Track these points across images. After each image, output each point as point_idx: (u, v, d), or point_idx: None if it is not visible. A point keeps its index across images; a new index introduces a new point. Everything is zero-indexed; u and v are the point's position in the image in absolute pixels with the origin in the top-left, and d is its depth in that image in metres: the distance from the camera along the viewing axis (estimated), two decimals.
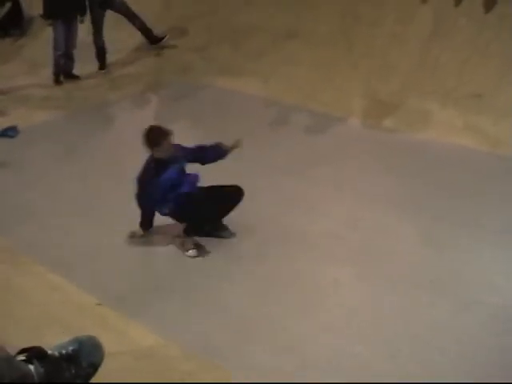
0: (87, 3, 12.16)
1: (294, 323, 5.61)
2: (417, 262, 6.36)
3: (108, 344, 5.08)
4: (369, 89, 9.96)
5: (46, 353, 2.85)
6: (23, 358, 2.75)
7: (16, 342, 3.22)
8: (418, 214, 7.19)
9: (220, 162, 7.19)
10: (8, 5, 14.92)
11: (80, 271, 6.42)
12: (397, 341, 5.33)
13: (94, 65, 12.62)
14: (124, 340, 5.34)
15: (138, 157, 8.43)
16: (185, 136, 8.17)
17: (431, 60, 9.81)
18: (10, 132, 9.87)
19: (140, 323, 5.56)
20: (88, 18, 12.26)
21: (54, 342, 2.95)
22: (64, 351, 2.91)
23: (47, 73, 12.18)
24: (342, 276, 6.20)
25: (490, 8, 9.57)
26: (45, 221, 7.43)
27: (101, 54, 12.64)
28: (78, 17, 12.05)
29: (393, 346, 5.28)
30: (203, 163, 7.04)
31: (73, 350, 2.90)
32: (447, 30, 9.82)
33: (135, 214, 7.35)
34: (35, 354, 2.80)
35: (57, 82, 12.23)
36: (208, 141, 7.30)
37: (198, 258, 6.61)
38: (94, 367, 3.04)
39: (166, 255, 6.82)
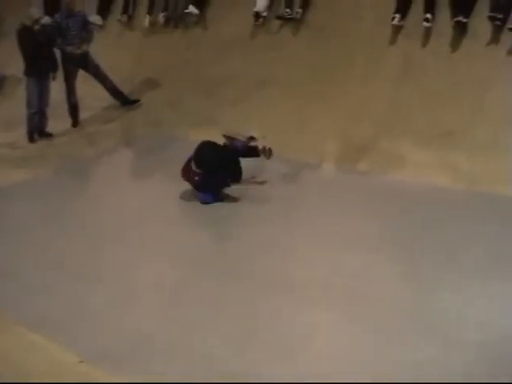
0: (60, 61, 12.21)
1: (277, 369, 5.52)
2: (399, 303, 6.28)
3: None
4: (341, 133, 10.00)
5: None
6: None
7: None
8: (398, 255, 7.15)
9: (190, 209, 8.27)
10: None
11: (61, 330, 6.31)
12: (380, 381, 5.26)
13: (66, 122, 12.61)
14: None
15: (117, 212, 8.45)
16: (161, 187, 8.19)
17: (402, 100, 9.89)
18: None
19: (124, 379, 5.47)
20: (60, 75, 12.30)
21: None
22: None
23: (22, 131, 12.16)
24: (323, 320, 6.12)
25: (457, 46, 9.69)
26: (25, 279, 7.33)
27: (73, 111, 12.64)
28: (51, 74, 12.08)
29: None
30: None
31: None
32: (416, 70, 9.92)
33: (118, 268, 7.34)
34: None
35: (31, 139, 12.17)
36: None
37: (178, 309, 6.53)
38: None
39: (146, 307, 6.74)
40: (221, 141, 8.83)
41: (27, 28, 11.79)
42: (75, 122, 12.70)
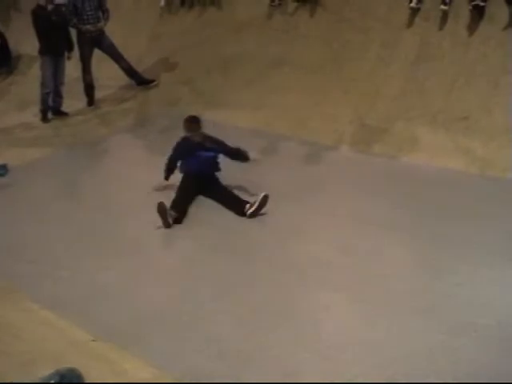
0: (76, 40, 12.24)
1: (288, 351, 5.55)
2: (410, 286, 6.28)
3: (102, 378, 5.07)
4: (357, 114, 10.00)
5: None
6: None
7: (9, 378, 3.20)
8: (411, 238, 7.16)
9: None
10: None
11: (74, 307, 6.35)
12: (392, 365, 5.27)
13: (82, 101, 12.67)
14: (119, 373, 5.30)
15: (130, 191, 8.48)
16: None
17: (418, 83, 9.86)
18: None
19: (136, 355, 5.51)
20: (76, 54, 12.33)
21: None
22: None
23: (36, 110, 12.22)
24: (334, 302, 6.13)
25: (474, 30, 9.64)
26: (38, 257, 7.37)
27: (89, 90, 12.70)
28: (66, 53, 12.12)
29: (388, 369, 5.22)
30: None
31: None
32: (432, 53, 9.89)
33: (128, 249, 7.38)
34: None
35: (44, 119, 12.25)
36: None
37: (192, 289, 6.58)
38: None
39: (159, 287, 6.78)
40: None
41: (41, 8, 11.81)
42: (90, 101, 12.76)
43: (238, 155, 8.49)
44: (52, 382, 2.87)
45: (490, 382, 4.97)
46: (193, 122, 8.43)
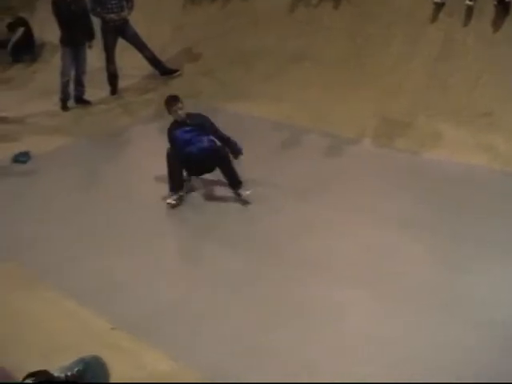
0: (100, 29, 12.27)
1: (304, 347, 5.57)
2: (428, 283, 6.29)
3: (123, 368, 5.10)
4: (379, 108, 9.96)
5: (53, 376, 2.86)
6: (30, 382, 2.74)
7: (29, 367, 3.22)
8: (431, 234, 7.13)
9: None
10: (20, 31, 15.11)
11: (94, 297, 6.41)
12: (409, 362, 5.28)
13: (105, 90, 12.71)
14: (139, 364, 5.34)
15: (150, 181, 8.51)
16: None
17: (441, 79, 9.81)
18: (21, 158, 9.93)
19: (155, 347, 5.54)
20: (99, 43, 12.36)
21: None
22: (69, 373, 2.91)
23: (58, 98, 12.27)
24: (353, 298, 6.14)
25: (499, 26, 9.58)
26: (58, 247, 7.44)
27: (112, 79, 12.74)
28: (87, 43, 12.16)
29: (405, 367, 5.23)
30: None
31: (78, 371, 2.89)
32: (456, 49, 9.83)
33: (149, 238, 7.42)
34: (42, 377, 2.80)
35: (64, 107, 12.32)
36: None
37: (212, 283, 6.60)
38: None
39: (180, 277, 6.82)
40: None
41: None
42: (114, 91, 12.81)
43: (229, 143, 8.44)
44: (76, 369, 2.90)
45: (494, 382, 4.97)
46: (172, 102, 8.44)
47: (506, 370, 5.11)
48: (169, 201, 8.17)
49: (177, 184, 8.24)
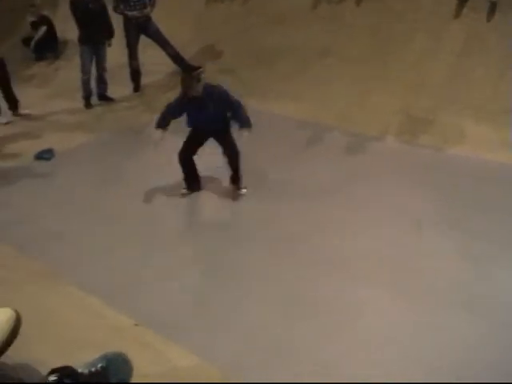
0: (123, 26, 12.29)
1: (320, 346, 5.56)
2: (453, 281, 6.26)
3: (146, 364, 5.09)
4: (403, 105, 9.93)
5: (77, 372, 2.85)
6: (54, 378, 2.74)
7: (52, 363, 3.22)
8: (456, 231, 7.11)
9: (257, 183, 8.41)
10: (43, 29, 15.20)
11: (117, 294, 6.42)
12: (432, 359, 5.25)
13: (128, 87, 12.75)
14: (162, 360, 5.34)
15: (172, 179, 8.52)
16: (217, 156, 8.26)
17: (464, 75, 9.77)
18: (45, 155, 9.97)
19: (178, 343, 5.55)
20: (120, 40, 12.39)
21: None
22: (93, 369, 2.90)
23: (80, 96, 12.33)
24: (376, 296, 6.13)
25: None
26: (81, 243, 7.47)
27: (135, 76, 12.78)
28: (106, 41, 12.23)
29: (429, 364, 5.20)
30: (233, 119, 8.15)
31: (101, 368, 2.89)
32: (479, 45, 9.78)
33: (171, 235, 7.43)
34: (66, 373, 2.80)
35: (87, 105, 12.38)
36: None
37: (232, 282, 6.61)
38: (124, 383, 3.05)
39: (201, 276, 6.83)
40: None
41: None
42: (136, 87, 12.85)
43: (243, 118, 7.99)
44: (100, 365, 2.90)
45: (497, 383, 4.92)
46: (188, 77, 8.15)
47: None
48: (182, 191, 8.47)
49: (190, 179, 8.46)
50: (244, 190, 8.35)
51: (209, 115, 7.95)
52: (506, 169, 8.39)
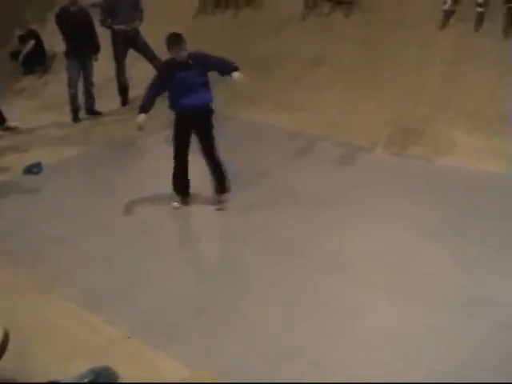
0: (110, 40, 12.27)
1: (324, 348, 5.53)
2: (452, 284, 6.27)
3: (139, 377, 5.06)
4: (393, 116, 9.95)
5: None
6: None
7: (45, 375, 3.19)
8: (453, 236, 7.13)
9: (249, 191, 8.44)
10: (31, 43, 15.24)
11: (109, 305, 6.38)
12: (432, 360, 5.23)
13: (116, 101, 12.73)
14: (155, 373, 5.29)
15: (162, 189, 8.50)
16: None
17: (455, 85, 9.79)
18: (34, 169, 9.92)
19: (171, 356, 5.50)
20: (110, 53, 12.37)
21: None
22: (81, 382, 2.88)
23: (69, 110, 12.29)
24: (375, 298, 6.12)
25: (509, 33, 9.55)
26: (73, 255, 7.42)
27: (123, 91, 12.78)
28: (93, 56, 12.22)
29: (428, 365, 5.18)
30: (222, 74, 8.20)
31: (90, 381, 2.86)
32: (469, 55, 9.81)
33: (161, 245, 7.39)
34: None
35: (75, 119, 12.37)
36: (234, 171, 8.28)
37: (228, 287, 6.56)
38: None
39: (197, 283, 6.85)
40: None
41: (64, 10, 11.94)
42: (124, 101, 12.83)
43: (228, 65, 8.09)
44: (86, 380, 2.87)
45: (496, 383, 4.92)
46: (176, 40, 8.06)
47: None
48: (174, 204, 8.37)
49: (181, 188, 8.39)
50: (227, 194, 8.31)
51: (195, 76, 8.01)
52: (496, 178, 8.40)
